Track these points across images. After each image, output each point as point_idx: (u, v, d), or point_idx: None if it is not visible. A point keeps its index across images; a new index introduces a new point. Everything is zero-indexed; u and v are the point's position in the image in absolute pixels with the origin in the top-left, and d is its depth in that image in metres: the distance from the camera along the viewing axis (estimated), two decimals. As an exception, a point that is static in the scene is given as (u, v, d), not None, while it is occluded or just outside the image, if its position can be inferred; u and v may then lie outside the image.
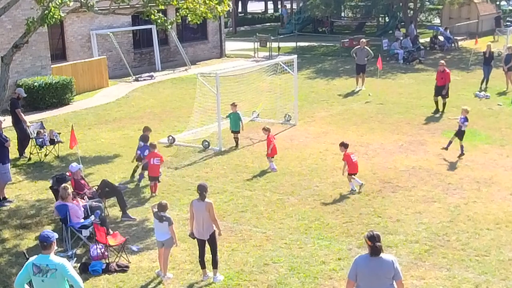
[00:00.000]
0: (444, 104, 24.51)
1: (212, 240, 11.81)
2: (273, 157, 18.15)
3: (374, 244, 8.65)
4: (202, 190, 11.68)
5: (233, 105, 20.73)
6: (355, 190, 16.25)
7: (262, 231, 14.05)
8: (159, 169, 16.57)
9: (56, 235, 8.84)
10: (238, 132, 20.54)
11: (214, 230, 11.79)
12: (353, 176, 16.38)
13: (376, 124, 23.08)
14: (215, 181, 17.22)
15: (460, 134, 19.11)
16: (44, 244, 8.68)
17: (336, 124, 23.02)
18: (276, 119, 23.37)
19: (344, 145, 16.60)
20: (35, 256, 8.79)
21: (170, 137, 21.00)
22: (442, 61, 25.91)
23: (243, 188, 16.77)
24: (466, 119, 19.05)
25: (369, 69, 30.84)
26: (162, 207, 11.90)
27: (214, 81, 20.13)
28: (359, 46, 30.34)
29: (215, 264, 11.90)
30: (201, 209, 11.62)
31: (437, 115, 24.01)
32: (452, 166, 18.10)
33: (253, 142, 20.67)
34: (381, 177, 17.29)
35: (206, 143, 20.31)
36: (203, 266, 12.01)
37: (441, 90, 24.51)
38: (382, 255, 8.73)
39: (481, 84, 28.87)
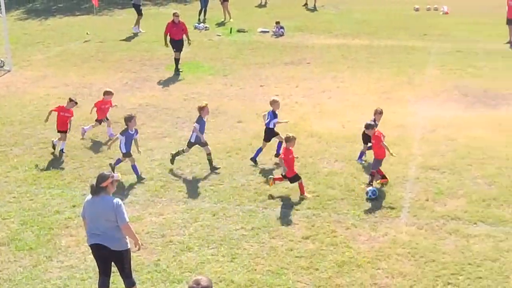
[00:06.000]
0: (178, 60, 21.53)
1: None
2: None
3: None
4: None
5: None
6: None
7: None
8: None
9: None
10: None
11: None
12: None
13: (98, 64, 22.36)
14: None
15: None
16: None
17: (54, 66, 21.92)
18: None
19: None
20: None
21: None
22: (176, 11, 21.91)
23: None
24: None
25: (83, 7, 29.62)
26: None
27: None
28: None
29: None
30: None
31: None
32: (179, 101, 18.14)
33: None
34: (109, 116, 16.60)
35: None
36: None
37: (180, 45, 21.10)
38: (108, 197, 8.62)
39: (199, 15, 29.26)
